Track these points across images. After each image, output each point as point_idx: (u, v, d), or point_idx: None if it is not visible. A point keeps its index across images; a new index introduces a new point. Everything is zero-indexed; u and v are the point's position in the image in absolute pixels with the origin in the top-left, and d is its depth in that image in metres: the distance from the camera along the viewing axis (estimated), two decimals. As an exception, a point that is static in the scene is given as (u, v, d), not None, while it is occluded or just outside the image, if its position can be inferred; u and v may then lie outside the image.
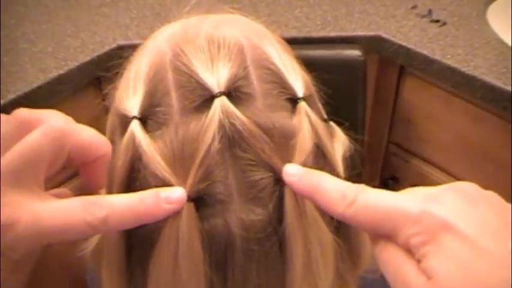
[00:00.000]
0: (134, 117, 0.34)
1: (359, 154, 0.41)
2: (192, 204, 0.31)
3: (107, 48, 1.07)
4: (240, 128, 0.31)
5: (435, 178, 1.18)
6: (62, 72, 1.00)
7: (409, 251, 0.27)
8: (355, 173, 0.41)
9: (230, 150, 0.32)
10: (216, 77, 0.33)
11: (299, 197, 0.32)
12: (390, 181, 1.26)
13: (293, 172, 0.31)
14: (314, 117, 0.35)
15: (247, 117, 0.32)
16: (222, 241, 0.32)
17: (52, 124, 0.30)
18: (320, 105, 0.39)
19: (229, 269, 0.33)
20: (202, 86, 0.33)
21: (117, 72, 0.39)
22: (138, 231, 0.33)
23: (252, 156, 0.32)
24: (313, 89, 0.38)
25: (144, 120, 0.34)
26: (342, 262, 0.36)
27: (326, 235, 0.34)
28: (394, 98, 1.19)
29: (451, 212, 0.26)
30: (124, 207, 0.30)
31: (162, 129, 0.33)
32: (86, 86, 1.06)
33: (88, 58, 1.03)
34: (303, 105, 0.34)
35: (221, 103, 0.32)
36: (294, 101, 0.35)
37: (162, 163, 0.32)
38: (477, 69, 1.00)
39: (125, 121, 0.34)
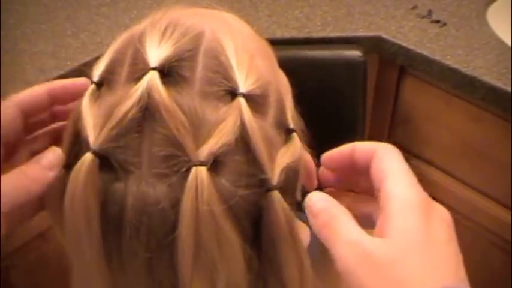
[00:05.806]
0: (92, 81, 0.38)
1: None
2: (95, 159, 0.33)
3: (106, 48, 1.06)
4: (158, 103, 0.33)
5: (435, 178, 1.18)
6: (62, 72, 1.00)
7: None
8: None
9: (149, 123, 0.34)
10: (157, 54, 0.35)
11: (200, 187, 0.32)
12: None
13: (315, 203, 0.36)
14: (249, 114, 0.34)
15: (169, 95, 0.34)
16: (116, 206, 0.34)
17: None
18: (285, 113, 0.38)
19: (122, 236, 0.34)
20: (144, 61, 0.35)
21: None
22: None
23: (165, 132, 0.33)
24: (280, 96, 0.38)
25: (100, 84, 0.38)
26: (258, 279, 0.36)
27: (228, 238, 0.33)
28: (394, 99, 1.19)
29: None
30: (12, 188, 0.33)
31: (107, 93, 0.37)
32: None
33: (88, 58, 1.03)
34: (239, 100, 0.35)
35: (150, 77, 0.34)
36: (234, 95, 0.35)
37: (89, 120, 0.35)
38: (477, 69, 1.00)
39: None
